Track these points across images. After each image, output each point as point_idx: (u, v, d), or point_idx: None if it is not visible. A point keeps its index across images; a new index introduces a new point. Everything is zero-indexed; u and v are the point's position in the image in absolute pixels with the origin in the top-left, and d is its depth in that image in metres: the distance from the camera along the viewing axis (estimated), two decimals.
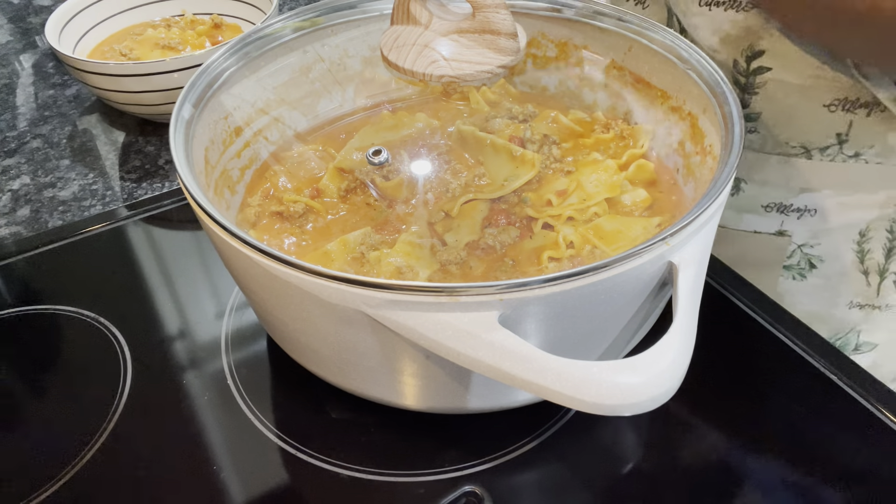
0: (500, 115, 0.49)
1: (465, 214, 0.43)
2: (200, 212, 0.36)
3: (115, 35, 0.75)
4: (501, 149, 0.46)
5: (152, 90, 0.63)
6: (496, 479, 0.39)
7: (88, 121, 0.72)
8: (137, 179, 0.64)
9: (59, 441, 0.42)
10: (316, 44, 0.51)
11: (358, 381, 0.39)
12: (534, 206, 0.44)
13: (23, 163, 0.67)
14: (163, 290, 0.52)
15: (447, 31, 0.40)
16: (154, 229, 0.57)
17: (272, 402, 0.43)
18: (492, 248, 0.42)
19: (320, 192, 0.46)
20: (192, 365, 0.46)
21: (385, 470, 0.39)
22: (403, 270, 0.39)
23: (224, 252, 0.37)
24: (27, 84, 0.79)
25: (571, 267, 0.37)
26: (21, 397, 0.45)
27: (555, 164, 0.46)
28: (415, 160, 0.46)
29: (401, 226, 0.43)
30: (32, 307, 0.51)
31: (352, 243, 0.41)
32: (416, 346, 0.32)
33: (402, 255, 0.40)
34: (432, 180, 0.45)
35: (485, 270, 0.41)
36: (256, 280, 0.35)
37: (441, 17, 0.40)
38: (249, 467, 0.40)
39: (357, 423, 0.42)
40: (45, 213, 0.61)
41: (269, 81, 0.49)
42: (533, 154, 0.45)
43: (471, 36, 0.39)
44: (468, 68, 0.39)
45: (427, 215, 0.43)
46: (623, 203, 0.44)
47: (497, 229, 0.43)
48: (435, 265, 0.40)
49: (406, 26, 0.41)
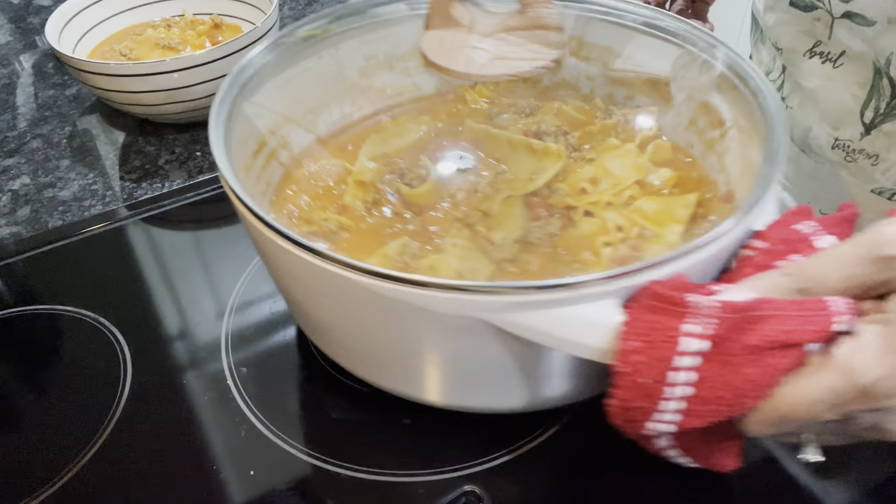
0: (505, 111, 0.49)
1: (503, 212, 0.43)
2: (271, 232, 0.34)
3: (115, 35, 0.75)
4: (519, 144, 0.45)
5: (152, 90, 0.63)
6: (496, 479, 0.39)
7: (88, 121, 0.72)
8: (137, 179, 0.64)
9: (59, 441, 0.42)
10: (323, 53, 0.49)
11: (419, 384, 0.38)
12: (568, 196, 0.44)
13: (23, 163, 0.67)
14: (163, 290, 0.52)
15: (493, 31, 0.40)
16: (154, 229, 0.57)
17: (272, 401, 0.43)
18: (540, 240, 0.41)
19: (346, 207, 0.44)
20: (192, 365, 0.46)
21: (385, 470, 0.39)
22: (464, 273, 0.39)
23: (291, 268, 0.35)
24: (27, 84, 0.79)
25: (628, 251, 0.38)
26: (21, 397, 0.45)
27: (574, 153, 0.46)
28: (435, 164, 0.45)
29: (437, 231, 0.42)
30: (32, 307, 0.51)
31: (393, 255, 0.40)
32: (533, 345, 0.32)
33: (455, 258, 0.39)
34: (459, 182, 0.44)
35: (542, 263, 0.40)
36: (332, 295, 0.34)
37: (484, 17, 0.40)
38: (249, 467, 0.40)
39: (357, 423, 0.42)
40: (45, 214, 0.61)
41: (278, 94, 0.48)
42: (556, 145, 0.45)
43: (519, 33, 0.40)
44: (524, 65, 0.39)
45: (464, 216, 0.42)
46: (652, 184, 0.44)
47: (541, 222, 0.42)
48: (490, 265, 0.40)
49: (447, 30, 0.41)
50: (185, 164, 0.65)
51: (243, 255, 0.53)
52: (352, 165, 0.47)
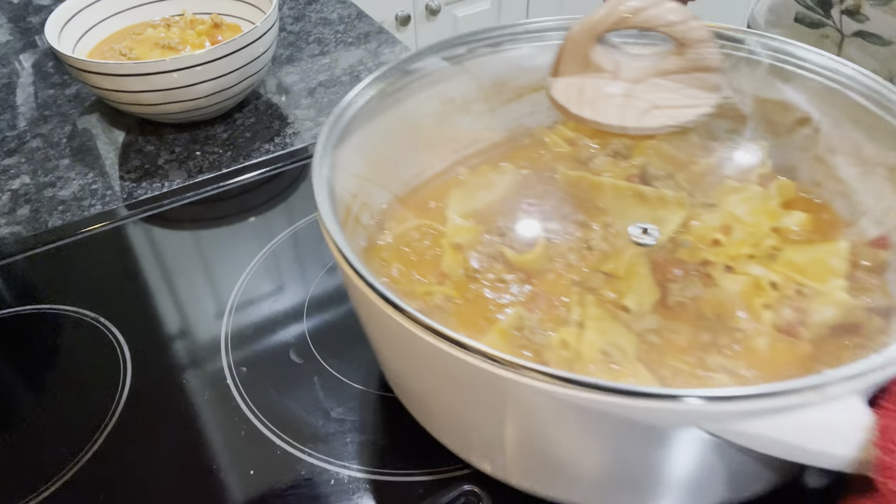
0: (595, 153, 0.43)
1: (630, 272, 0.37)
2: (390, 308, 0.29)
3: (114, 35, 0.75)
4: (626, 191, 0.40)
5: (152, 90, 0.63)
6: (496, 479, 0.39)
7: (88, 120, 0.72)
8: (137, 179, 0.64)
9: (59, 441, 0.42)
10: (400, 104, 0.43)
11: (566, 485, 0.34)
12: (696, 250, 0.38)
13: (22, 162, 0.67)
14: (163, 289, 0.52)
15: (644, 76, 0.35)
16: (154, 229, 0.57)
17: (272, 401, 0.43)
18: (682, 305, 0.36)
19: (446, 275, 0.39)
20: (192, 364, 0.46)
21: (385, 470, 0.39)
22: (609, 351, 0.34)
23: (419, 356, 0.31)
24: (27, 84, 0.79)
25: (794, 314, 0.34)
26: (21, 397, 0.45)
27: (691, 198, 0.40)
28: (537, 219, 0.40)
29: (552, 298, 0.36)
30: (32, 307, 0.51)
31: (510, 331, 0.35)
32: (751, 453, 0.27)
33: (594, 332, 0.34)
34: (567, 238, 0.39)
35: (691, 333, 0.35)
36: (472, 391, 0.30)
37: (630, 61, 0.36)
38: (249, 467, 0.40)
39: (357, 423, 0.42)
40: (45, 213, 0.61)
41: (354, 153, 0.41)
42: (674, 192, 0.39)
43: (676, 77, 0.35)
44: (686, 113, 0.35)
45: (583, 279, 0.37)
46: (789, 229, 0.38)
47: (679, 283, 0.36)
48: (633, 338, 0.35)
49: (585, 76, 0.36)
50: (185, 164, 0.65)
51: (243, 255, 0.53)
52: (442, 226, 0.41)
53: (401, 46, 0.82)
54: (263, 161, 0.64)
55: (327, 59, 0.80)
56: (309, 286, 0.51)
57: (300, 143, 0.67)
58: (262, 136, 0.68)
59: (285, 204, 0.59)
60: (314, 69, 0.78)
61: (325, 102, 0.73)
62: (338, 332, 0.47)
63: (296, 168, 0.63)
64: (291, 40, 0.84)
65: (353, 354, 0.46)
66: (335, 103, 0.72)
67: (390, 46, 0.82)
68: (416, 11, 1.47)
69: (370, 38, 0.83)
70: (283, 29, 0.86)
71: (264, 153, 0.66)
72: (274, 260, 0.53)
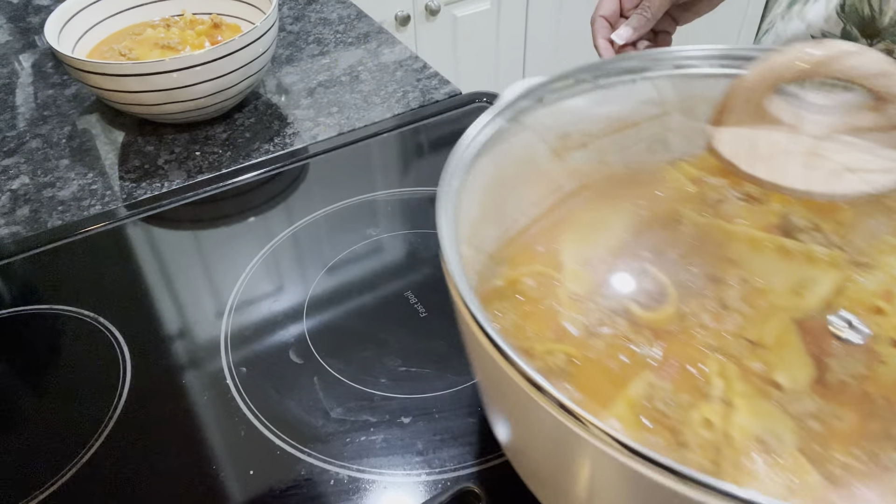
0: (724, 195, 0.37)
1: (780, 341, 0.32)
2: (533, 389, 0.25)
3: (114, 35, 0.75)
4: (765, 244, 0.34)
5: (152, 90, 0.63)
6: (496, 479, 0.39)
7: (88, 121, 0.72)
8: (137, 179, 0.64)
9: (59, 441, 0.42)
10: (514, 139, 0.38)
11: None
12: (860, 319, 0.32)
13: (22, 162, 0.67)
14: (162, 289, 0.52)
15: (831, 131, 0.31)
16: (154, 229, 0.57)
17: (272, 401, 0.43)
18: (843, 385, 0.30)
19: (564, 332, 0.34)
20: (192, 365, 0.46)
21: (385, 470, 0.39)
22: (765, 439, 0.28)
23: (558, 441, 0.27)
24: (26, 84, 0.79)
25: None
26: (20, 397, 0.45)
27: (842, 256, 0.34)
28: (667, 272, 0.35)
29: (686, 364, 0.31)
30: (32, 307, 0.51)
31: (638, 401, 0.30)
32: None
33: (747, 414, 0.29)
34: (699, 296, 0.33)
35: (858, 421, 0.29)
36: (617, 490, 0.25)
37: (815, 114, 0.31)
38: (249, 467, 0.40)
39: (357, 423, 0.42)
40: (45, 213, 0.61)
41: (469, 192, 0.36)
42: (825, 249, 0.33)
43: (871, 135, 0.30)
44: (885, 179, 0.29)
45: (722, 346, 0.32)
46: None
47: (839, 359, 0.31)
48: (790, 423, 0.29)
49: (756, 128, 0.32)
50: (185, 164, 0.65)
51: (243, 255, 0.53)
52: (556, 272, 0.36)
53: (401, 47, 0.82)
54: (263, 161, 0.64)
55: (327, 59, 0.80)
56: (309, 286, 0.51)
57: (300, 143, 0.67)
58: (261, 136, 0.68)
59: (285, 204, 0.59)
60: (314, 69, 0.78)
61: (324, 102, 0.73)
62: (338, 332, 0.47)
63: (295, 168, 0.63)
64: (291, 40, 0.84)
65: (353, 354, 0.46)
66: (335, 103, 0.72)
67: (390, 46, 0.82)
68: (416, 11, 1.47)
69: (370, 38, 0.83)
70: (282, 29, 0.86)
71: (264, 153, 0.66)
72: (274, 260, 0.53)
